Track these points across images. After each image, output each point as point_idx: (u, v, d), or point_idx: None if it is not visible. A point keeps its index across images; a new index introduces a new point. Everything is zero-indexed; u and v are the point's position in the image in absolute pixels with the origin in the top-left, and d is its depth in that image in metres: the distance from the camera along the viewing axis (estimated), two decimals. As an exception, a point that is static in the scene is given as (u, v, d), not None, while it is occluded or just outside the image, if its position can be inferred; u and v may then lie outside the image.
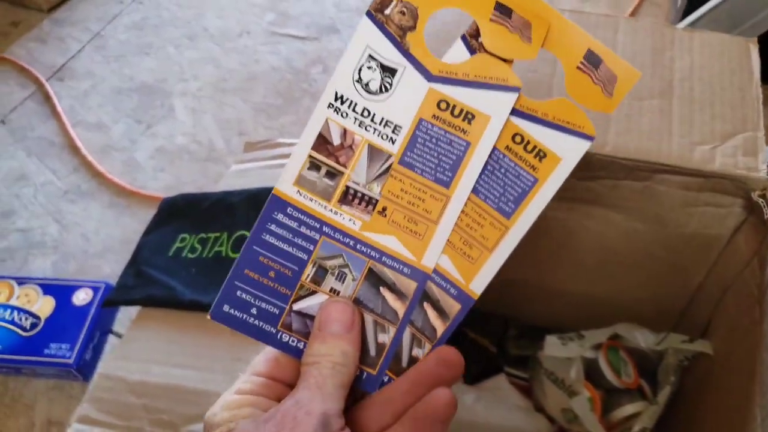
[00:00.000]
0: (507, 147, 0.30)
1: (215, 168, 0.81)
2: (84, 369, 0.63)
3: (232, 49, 0.97)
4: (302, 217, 0.30)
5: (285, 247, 0.30)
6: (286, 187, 0.30)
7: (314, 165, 0.30)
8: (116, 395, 0.44)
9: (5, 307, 0.65)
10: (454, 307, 0.30)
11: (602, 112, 0.30)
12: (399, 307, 0.30)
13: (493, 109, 0.30)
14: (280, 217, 0.30)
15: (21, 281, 0.67)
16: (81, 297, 0.66)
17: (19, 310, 0.65)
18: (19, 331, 0.63)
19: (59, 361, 0.61)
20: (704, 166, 0.38)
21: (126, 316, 0.69)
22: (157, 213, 0.61)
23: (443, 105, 0.30)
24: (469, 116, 0.30)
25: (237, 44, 0.98)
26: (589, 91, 0.30)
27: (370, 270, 0.30)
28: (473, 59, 0.30)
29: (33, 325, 0.64)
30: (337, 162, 0.30)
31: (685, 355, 0.47)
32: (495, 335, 0.56)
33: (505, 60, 0.30)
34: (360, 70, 0.30)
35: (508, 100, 0.30)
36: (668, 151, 0.38)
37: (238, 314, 0.29)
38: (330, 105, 0.30)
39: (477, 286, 0.30)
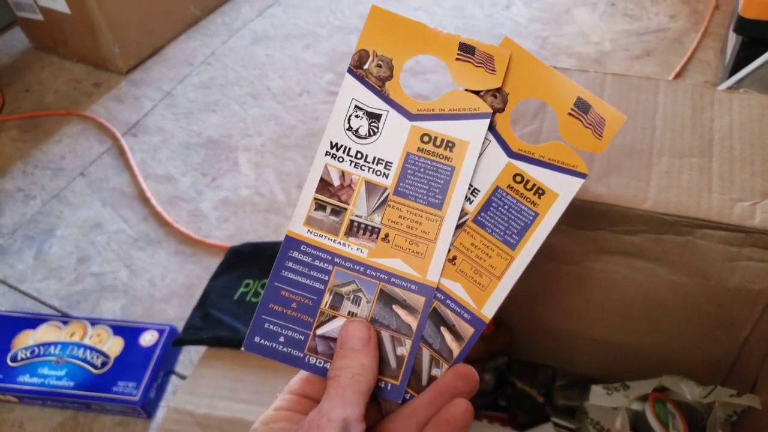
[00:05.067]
0: (509, 186, 0.34)
1: (276, 219, 0.86)
2: (148, 407, 0.66)
3: (293, 107, 1.03)
4: (315, 252, 0.33)
5: (303, 280, 0.33)
6: (297, 227, 0.34)
7: (320, 206, 0.34)
8: (184, 427, 0.47)
9: (79, 345, 0.69)
10: (468, 330, 0.33)
11: (592, 152, 0.33)
12: (411, 320, 0.33)
13: (470, 134, 0.34)
14: (295, 254, 0.33)
15: (94, 322, 0.72)
16: (147, 338, 0.70)
17: (92, 349, 0.69)
18: (91, 369, 0.67)
19: (126, 398, 0.65)
20: (744, 221, 0.39)
21: (187, 358, 0.73)
22: (224, 260, 0.65)
23: (426, 138, 0.34)
24: (450, 144, 0.34)
25: (297, 103, 1.04)
26: (581, 134, 0.33)
27: (382, 291, 0.33)
28: (446, 95, 0.34)
29: (103, 364, 0.68)
30: (340, 200, 0.34)
31: (733, 409, 0.47)
32: (543, 385, 0.57)
33: (475, 92, 0.34)
34: (349, 119, 0.34)
35: (482, 125, 0.34)
36: (708, 206, 0.40)
37: (267, 343, 0.33)
38: (327, 153, 0.34)
39: (488, 310, 0.33)
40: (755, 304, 0.44)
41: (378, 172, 0.34)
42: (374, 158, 0.34)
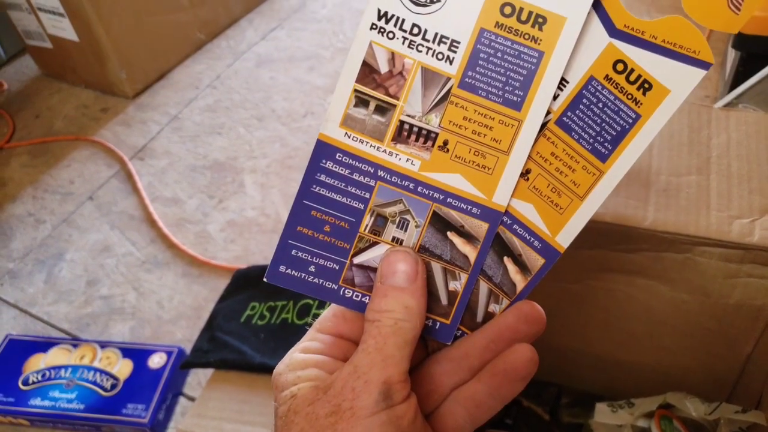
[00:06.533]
0: (607, 77, 0.26)
1: (280, 239, 0.87)
2: (157, 428, 0.66)
3: (298, 128, 1.04)
4: (354, 162, 0.27)
5: (338, 197, 0.27)
6: (332, 130, 0.27)
7: (361, 100, 0.27)
8: (193, 450, 0.48)
9: (89, 368, 0.70)
10: (537, 261, 0.27)
11: (725, 32, 0.25)
12: (470, 251, 0.27)
13: (568, 6, 0.25)
14: (329, 165, 0.27)
15: (103, 345, 0.72)
16: (156, 360, 0.71)
17: (101, 371, 0.70)
18: (101, 392, 0.68)
19: (135, 420, 0.65)
20: (743, 238, 0.40)
21: (195, 379, 0.73)
22: (231, 282, 0.66)
23: (507, 9, 0.26)
24: (539, 20, 0.25)
25: (302, 124, 1.05)
26: (711, 5, 0.24)
27: (435, 213, 0.27)
28: None
29: (113, 386, 0.68)
30: (387, 93, 0.26)
31: (739, 426, 0.47)
32: (548, 403, 0.57)
33: None
34: None
35: None
36: (706, 224, 0.40)
37: (295, 273, 0.28)
38: (373, 26, 0.26)
39: (564, 238, 0.27)
40: (757, 320, 0.44)
41: (440, 55, 0.26)
42: (435, 35, 0.26)
